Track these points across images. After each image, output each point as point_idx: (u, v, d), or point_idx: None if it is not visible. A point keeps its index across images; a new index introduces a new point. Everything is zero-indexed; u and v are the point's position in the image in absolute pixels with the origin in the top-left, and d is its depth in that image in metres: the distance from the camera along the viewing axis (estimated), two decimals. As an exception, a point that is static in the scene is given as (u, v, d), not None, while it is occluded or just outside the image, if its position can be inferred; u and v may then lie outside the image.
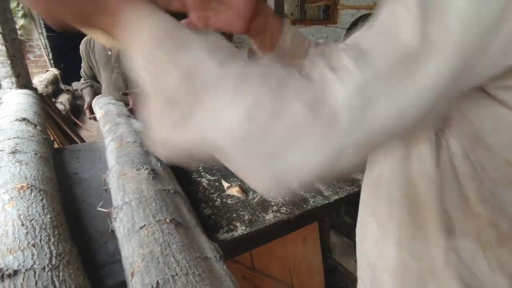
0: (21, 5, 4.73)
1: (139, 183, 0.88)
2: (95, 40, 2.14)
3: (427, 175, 0.43)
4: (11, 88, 2.66)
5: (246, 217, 1.00)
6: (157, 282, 0.57)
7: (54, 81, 4.84)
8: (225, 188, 1.15)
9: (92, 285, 0.66)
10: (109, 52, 2.10)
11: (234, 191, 1.12)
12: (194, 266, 0.61)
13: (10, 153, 0.98)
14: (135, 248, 0.67)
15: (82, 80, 2.33)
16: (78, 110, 4.47)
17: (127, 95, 1.90)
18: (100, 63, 2.15)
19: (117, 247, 0.82)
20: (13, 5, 4.42)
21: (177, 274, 0.58)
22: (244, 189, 1.13)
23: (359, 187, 1.18)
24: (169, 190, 0.89)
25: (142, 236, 0.69)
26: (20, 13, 4.69)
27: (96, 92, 2.27)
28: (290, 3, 4.66)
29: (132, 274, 0.62)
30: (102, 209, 0.92)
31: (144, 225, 0.72)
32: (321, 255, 1.43)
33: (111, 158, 1.11)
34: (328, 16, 4.26)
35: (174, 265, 0.60)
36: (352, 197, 1.17)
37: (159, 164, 1.06)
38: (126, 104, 1.88)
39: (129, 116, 1.55)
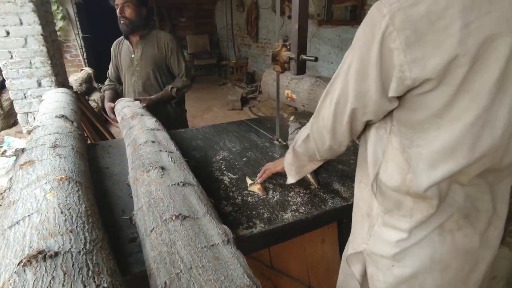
0: (60, 7, 5.01)
1: (149, 185, 0.92)
2: (123, 43, 2.23)
3: (377, 154, 0.76)
4: (50, 86, 2.84)
5: (265, 215, 1.04)
6: (165, 283, 0.61)
7: (87, 80, 5.08)
8: (248, 184, 1.19)
9: (120, 270, 0.72)
10: (132, 56, 2.18)
11: (256, 188, 1.16)
12: (199, 258, 0.64)
13: (51, 147, 1.07)
14: (149, 252, 0.71)
15: (107, 81, 2.42)
16: (109, 107, 4.67)
17: (139, 101, 1.97)
18: (124, 66, 2.24)
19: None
20: (53, 8, 4.70)
21: (181, 271, 0.62)
22: (265, 188, 1.17)
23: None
24: (178, 184, 0.93)
25: (152, 239, 0.73)
26: (59, 16, 4.98)
27: (118, 94, 2.35)
28: (317, 4, 4.63)
29: (150, 276, 0.67)
30: (125, 217, 0.99)
31: (153, 228, 0.76)
32: (340, 257, 1.43)
33: (129, 164, 1.17)
34: (355, 16, 4.19)
35: (179, 262, 0.64)
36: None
37: (170, 158, 1.10)
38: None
39: (142, 115, 1.61)
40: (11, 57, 2.71)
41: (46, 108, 1.61)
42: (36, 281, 0.51)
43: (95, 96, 4.87)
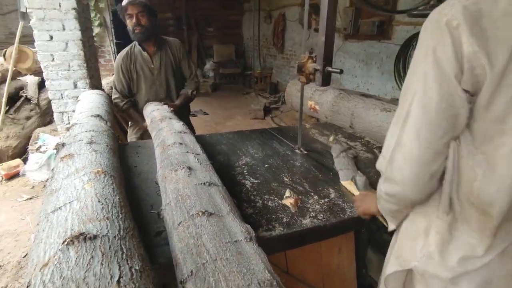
0: (98, 15, 5.31)
1: (177, 183, 0.98)
2: (134, 55, 2.29)
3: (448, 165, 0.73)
4: (84, 88, 3.00)
5: (285, 219, 1.07)
6: (191, 271, 0.65)
7: (118, 84, 5.30)
8: (284, 196, 1.20)
9: (147, 260, 0.77)
10: (152, 66, 2.27)
11: (289, 202, 1.16)
12: (223, 251, 0.68)
13: (88, 143, 1.15)
14: (176, 243, 0.76)
15: (119, 97, 2.36)
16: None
17: (166, 105, 2.06)
18: (141, 76, 2.30)
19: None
20: (92, 15, 4.98)
21: (207, 262, 0.66)
22: (298, 204, 1.16)
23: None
24: (204, 183, 0.98)
25: (179, 231, 0.78)
26: (96, 23, 5.27)
27: (138, 109, 2.37)
28: (344, 18, 4.67)
29: (176, 266, 0.72)
30: (153, 211, 1.05)
31: (181, 221, 0.81)
32: (356, 268, 1.43)
33: (157, 163, 1.25)
34: (382, 31, 4.19)
35: (205, 253, 0.68)
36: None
37: (197, 160, 1.16)
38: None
39: (170, 118, 1.70)
40: (53, 59, 2.89)
41: (82, 107, 1.72)
42: (78, 258, 0.57)
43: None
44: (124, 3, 2.13)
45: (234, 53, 9.03)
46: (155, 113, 1.79)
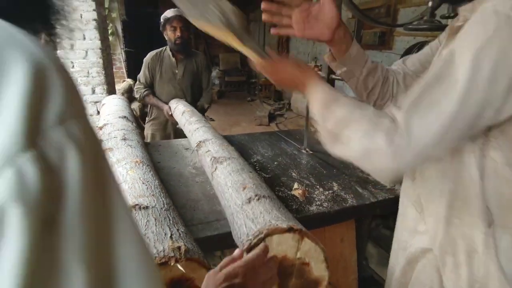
0: (110, 24, 5.54)
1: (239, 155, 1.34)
2: (163, 56, 2.53)
3: (472, 178, 0.67)
4: (102, 94, 3.19)
5: (294, 207, 1.22)
6: (263, 195, 0.92)
7: (128, 90, 5.51)
8: (293, 188, 1.36)
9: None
10: (176, 71, 2.51)
11: (297, 192, 1.32)
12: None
13: (122, 139, 1.32)
14: (245, 176, 1.07)
15: (141, 86, 2.56)
16: (146, 115, 5.05)
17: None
18: (165, 77, 2.54)
19: (193, 215, 1.09)
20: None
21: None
22: (306, 194, 1.32)
23: (395, 195, 1.34)
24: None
25: (251, 175, 1.11)
26: (109, 32, 5.50)
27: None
28: (346, 28, 4.88)
29: (244, 188, 0.95)
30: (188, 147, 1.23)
31: (251, 171, 1.15)
32: (357, 256, 1.57)
33: (206, 133, 1.59)
34: (383, 42, 4.38)
35: (268, 190, 1.03)
36: (387, 205, 1.33)
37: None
38: None
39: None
40: (73, 66, 3.09)
41: (109, 110, 1.89)
42: (137, 221, 0.73)
43: (134, 105, 5.26)
44: (170, 15, 2.34)
45: (240, 61, 9.26)
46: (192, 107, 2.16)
